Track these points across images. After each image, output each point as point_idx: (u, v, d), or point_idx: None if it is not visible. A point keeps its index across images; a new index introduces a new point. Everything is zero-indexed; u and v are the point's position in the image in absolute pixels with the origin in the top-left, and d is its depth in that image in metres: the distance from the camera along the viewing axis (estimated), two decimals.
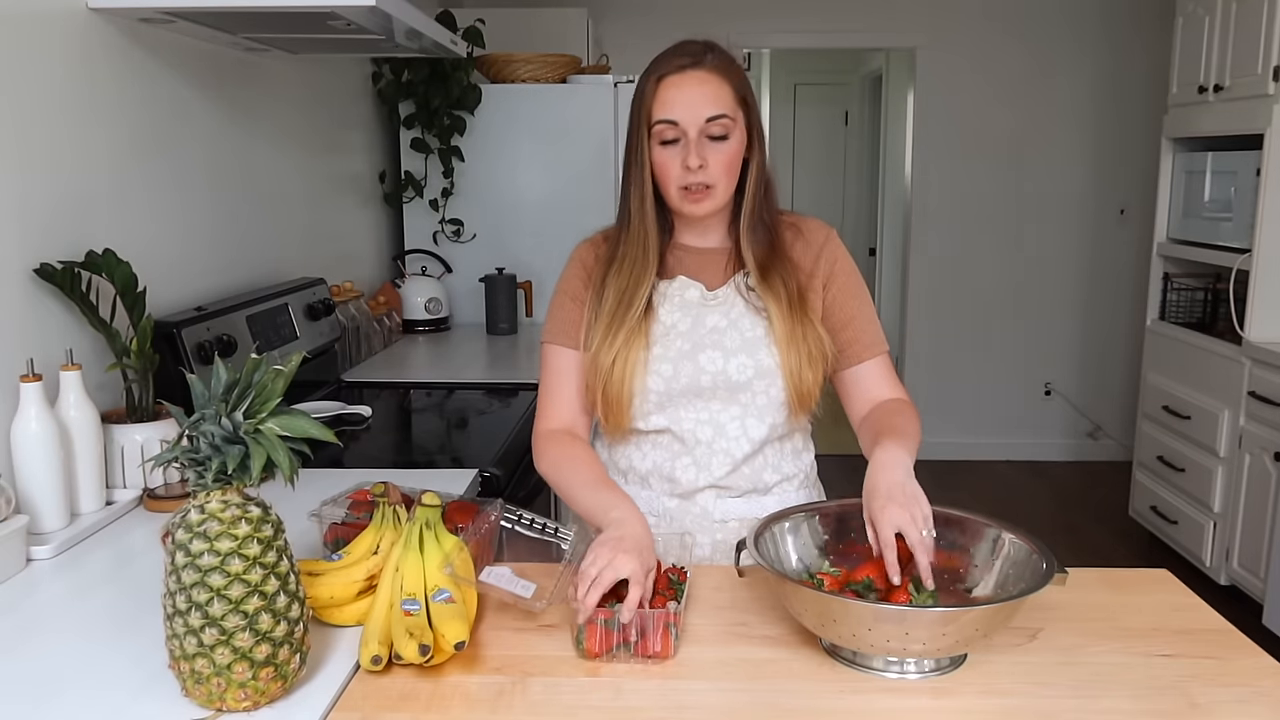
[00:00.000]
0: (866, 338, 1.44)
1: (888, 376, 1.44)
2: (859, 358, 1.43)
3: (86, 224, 1.67)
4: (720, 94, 1.33)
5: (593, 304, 1.42)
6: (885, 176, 5.79)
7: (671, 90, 1.32)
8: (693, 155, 1.32)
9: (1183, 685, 1.05)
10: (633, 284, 1.39)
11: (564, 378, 1.44)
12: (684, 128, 1.32)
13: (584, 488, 1.31)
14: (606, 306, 1.40)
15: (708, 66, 1.33)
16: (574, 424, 1.44)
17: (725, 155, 1.34)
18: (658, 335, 1.40)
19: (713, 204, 1.37)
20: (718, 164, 1.34)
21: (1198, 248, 3.59)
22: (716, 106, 1.32)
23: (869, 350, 1.43)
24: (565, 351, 1.44)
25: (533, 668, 1.08)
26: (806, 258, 1.44)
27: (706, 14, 4.65)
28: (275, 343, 2.16)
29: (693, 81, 1.32)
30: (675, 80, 1.33)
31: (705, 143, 1.33)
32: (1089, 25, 4.76)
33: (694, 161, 1.32)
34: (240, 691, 0.95)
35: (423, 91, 3.27)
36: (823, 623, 1.06)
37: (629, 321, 1.38)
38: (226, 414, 0.96)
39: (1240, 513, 3.28)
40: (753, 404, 1.41)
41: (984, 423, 5.13)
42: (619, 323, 1.38)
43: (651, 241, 1.39)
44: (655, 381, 1.39)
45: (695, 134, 1.32)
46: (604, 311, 1.40)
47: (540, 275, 3.43)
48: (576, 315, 1.44)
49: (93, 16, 1.69)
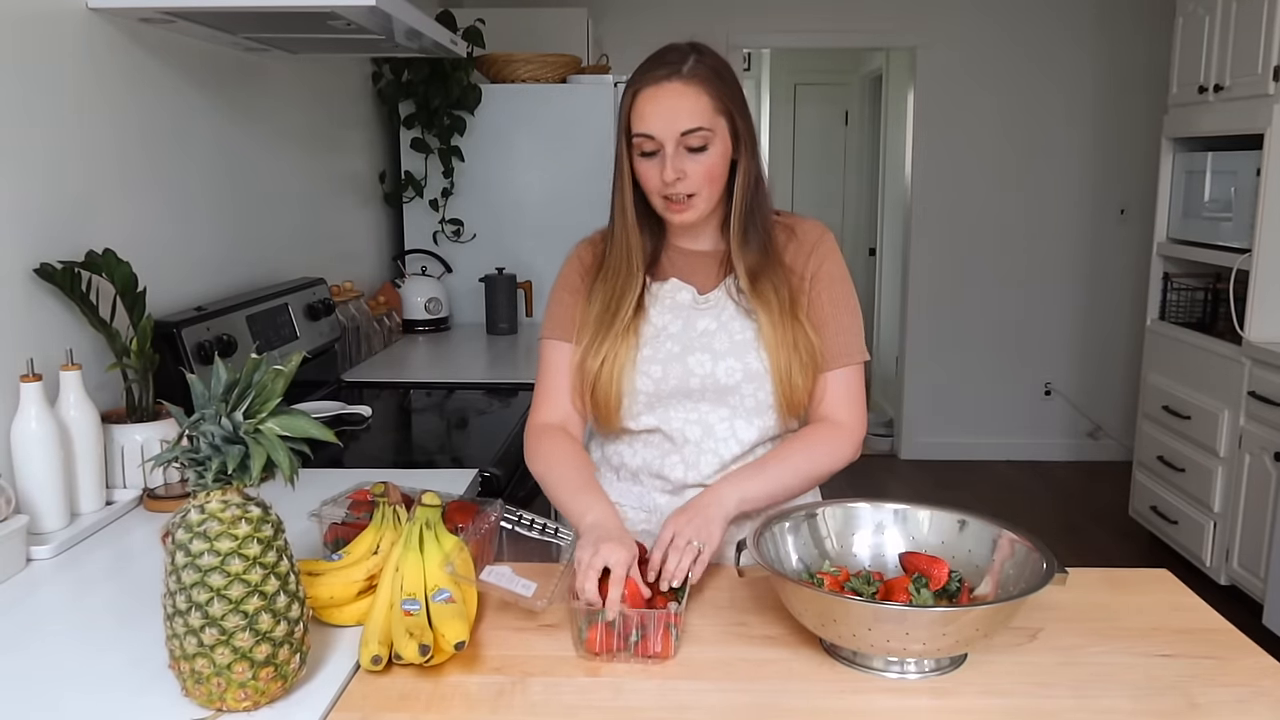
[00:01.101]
0: (833, 348, 1.41)
1: (841, 393, 1.41)
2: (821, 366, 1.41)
3: (86, 224, 1.67)
4: (697, 106, 1.31)
5: (583, 306, 1.44)
6: (885, 176, 5.79)
7: (648, 104, 1.32)
8: (668, 169, 1.32)
9: (1183, 685, 1.05)
10: (618, 291, 1.40)
11: (559, 372, 1.45)
12: (660, 141, 1.32)
13: (566, 491, 1.34)
14: (594, 311, 1.42)
15: (685, 77, 1.31)
16: (567, 419, 1.45)
17: (704, 166, 1.33)
18: (648, 336, 1.41)
19: (694, 213, 1.37)
20: (696, 174, 1.33)
21: (1198, 248, 3.59)
22: (692, 120, 1.31)
23: (832, 361, 1.40)
24: (561, 345, 1.45)
25: (533, 668, 1.08)
26: (798, 259, 1.43)
27: (706, 14, 4.65)
28: (275, 343, 2.16)
29: (668, 94, 1.31)
30: (651, 93, 1.32)
31: (683, 154, 1.32)
32: (1089, 25, 4.76)
33: (669, 175, 1.32)
34: (240, 691, 0.95)
35: (423, 91, 3.27)
36: (823, 623, 1.06)
37: (615, 327, 1.39)
38: (226, 414, 0.96)
39: (1240, 513, 3.28)
40: (741, 406, 1.41)
41: (984, 423, 5.13)
42: (604, 328, 1.40)
43: (635, 248, 1.40)
44: (644, 382, 1.40)
45: (672, 147, 1.32)
46: (591, 317, 1.42)
47: (540, 275, 3.43)
48: (572, 311, 1.45)
49: (93, 16, 1.69)
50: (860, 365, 1.43)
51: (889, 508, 1.25)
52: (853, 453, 1.41)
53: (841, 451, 1.40)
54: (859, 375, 1.43)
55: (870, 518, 1.25)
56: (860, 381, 1.42)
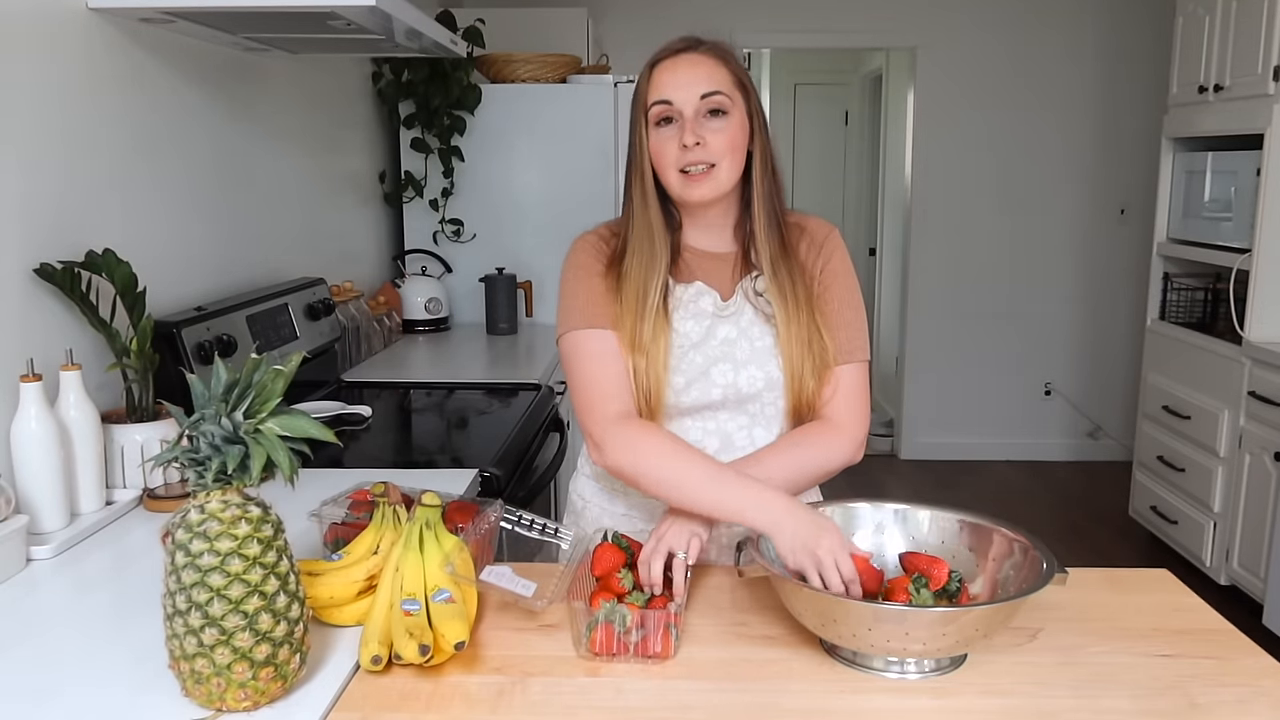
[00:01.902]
0: (838, 344, 1.38)
1: (844, 391, 1.38)
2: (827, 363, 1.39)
3: (86, 224, 1.67)
4: (715, 73, 1.31)
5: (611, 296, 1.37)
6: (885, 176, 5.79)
7: (666, 73, 1.32)
8: (688, 133, 1.29)
9: (1183, 685, 1.05)
10: (646, 276, 1.35)
11: (608, 360, 1.33)
12: (679, 107, 1.30)
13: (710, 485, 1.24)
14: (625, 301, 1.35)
15: (703, 50, 1.33)
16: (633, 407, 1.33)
17: (725, 134, 1.30)
18: (672, 345, 1.37)
19: (714, 186, 1.32)
20: (717, 142, 1.30)
21: (1198, 248, 3.59)
22: (711, 83, 1.30)
23: (836, 357, 1.38)
24: (597, 333, 1.34)
25: (533, 668, 1.08)
26: (809, 256, 1.41)
27: (706, 14, 4.64)
28: (275, 343, 2.16)
29: (686, 63, 1.32)
30: (669, 63, 1.32)
31: (703, 121, 1.30)
32: (1089, 25, 4.76)
33: (689, 139, 1.29)
34: (240, 691, 0.95)
35: (423, 91, 3.27)
36: (823, 623, 1.06)
37: (648, 316, 1.34)
38: (226, 414, 0.96)
39: (1240, 513, 3.28)
40: (761, 414, 1.40)
41: (984, 423, 5.13)
42: (638, 317, 1.34)
43: (658, 232, 1.36)
44: (666, 394, 1.37)
45: (691, 112, 1.30)
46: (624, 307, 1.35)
47: (540, 275, 3.43)
48: (601, 295, 1.36)
49: (93, 16, 1.69)
50: (864, 364, 1.39)
51: (889, 508, 1.25)
52: (851, 453, 1.36)
53: (837, 451, 1.35)
54: (862, 374, 1.39)
55: (870, 518, 1.25)
56: (863, 381, 1.39)
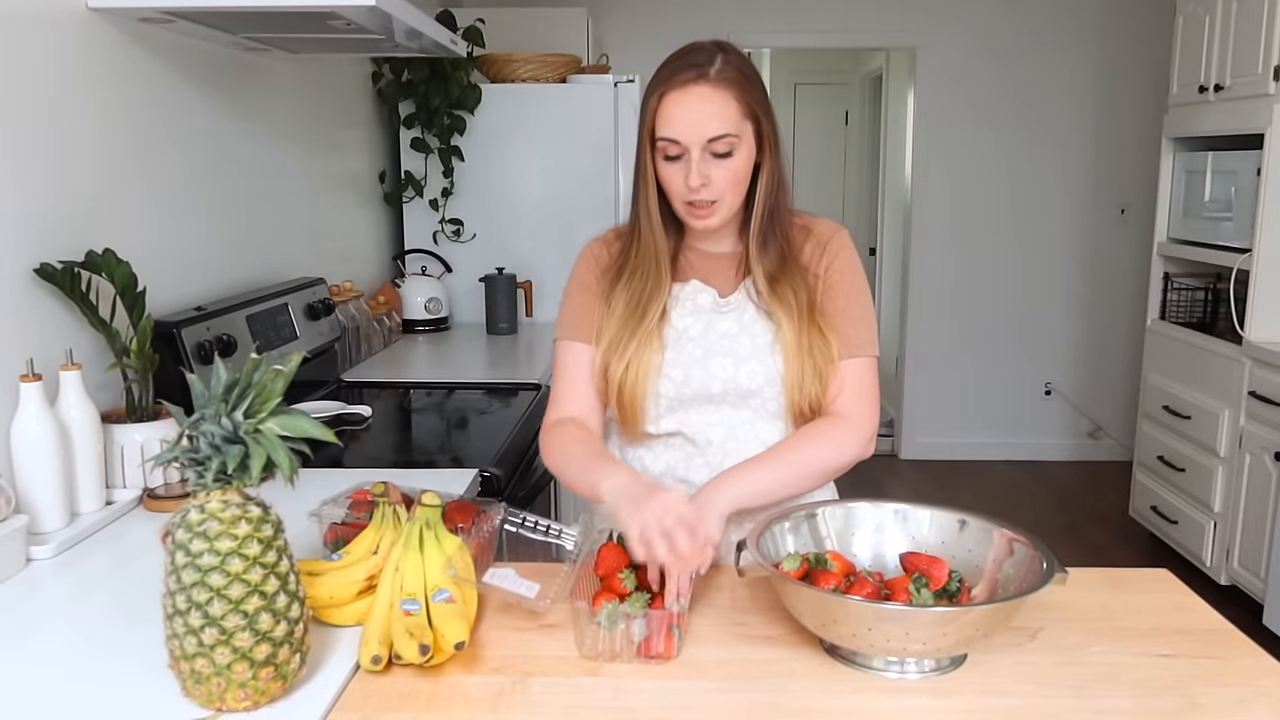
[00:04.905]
0: (845, 338, 1.39)
1: (852, 385, 1.39)
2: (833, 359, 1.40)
3: (86, 224, 1.67)
4: (724, 111, 1.30)
5: (600, 307, 1.41)
6: (885, 176, 5.79)
7: (674, 108, 1.30)
8: (694, 174, 1.30)
9: (1183, 685, 1.05)
10: (647, 294, 1.38)
11: (576, 372, 1.43)
12: (686, 146, 1.30)
13: (574, 466, 1.34)
14: (617, 313, 1.39)
15: (713, 81, 1.29)
16: (580, 414, 1.42)
17: (729, 172, 1.32)
18: (670, 339, 1.39)
19: (718, 219, 1.36)
20: (721, 180, 1.32)
21: (1198, 247, 3.59)
22: (720, 125, 1.29)
23: (843, 351, 1.39)
24: (576, 345, 1.43)
25: (533, 668, 1.08)
26: (814, 258, 1.42)
27: (707, 14, 4.65)
28: (275, 343, 2.16)
29: (695, 99, 1.29)
30: (678, 97, 1.30)
31: (708, 160, 1.31)
32: (1089, 25, 4.76)
33: (695, 180, 1.30)
34: (240, 691, 0.95)
35: (423, 91, 3.27)
36: (823, 623, 1.06)
37: (640, 331, 1.37)
38: (226, 414, 0.96)
39: (1240, 513, 3.28)
40: (764, 409, 1.40)
41: (984, 423, 5.13)
42: (629, 332, 1.37)
43: (662, 253, 1.39)
44: (666, 386, 1.38)
45: (698, 153, 1.30)
46: (614, 317, 1.39)
47: (540, 275, 3.43)
48: (589, 311, 1.42)
49: (93, 16, 1.69)
50: (873, 360, 1.40)
51: (889, 508, 1.25)
52: (862, 448, 1.37)
53: (847, 447, 1.36)
54: (871, 369, 1.40)
55: (870, 518, 1.25)
56: (872, 376, 1.40)
